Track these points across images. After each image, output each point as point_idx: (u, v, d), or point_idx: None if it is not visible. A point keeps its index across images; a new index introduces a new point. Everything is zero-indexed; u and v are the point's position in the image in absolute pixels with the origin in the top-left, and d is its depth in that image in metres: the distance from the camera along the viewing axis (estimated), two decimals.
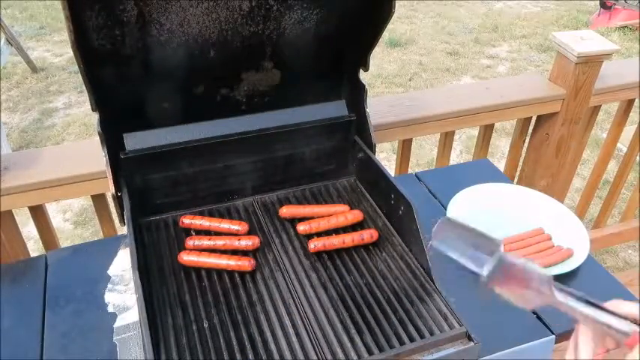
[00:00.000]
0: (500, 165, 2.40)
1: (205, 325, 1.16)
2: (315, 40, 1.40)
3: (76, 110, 5.00)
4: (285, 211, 1.47)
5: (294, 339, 1.13)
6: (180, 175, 1.45)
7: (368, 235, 1.37)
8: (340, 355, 1.09)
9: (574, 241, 1.51)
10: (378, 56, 5.96)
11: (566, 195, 2.64)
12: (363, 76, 1.52)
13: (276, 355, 1.10)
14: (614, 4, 6.53)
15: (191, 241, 1.34)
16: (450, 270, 1.42)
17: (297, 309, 1.20)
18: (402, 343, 1.11)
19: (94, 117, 1.23)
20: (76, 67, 1.09)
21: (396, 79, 5.58)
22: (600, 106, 2.33)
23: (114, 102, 1.25)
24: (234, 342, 1.12)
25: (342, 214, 1.45)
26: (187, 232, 1.43)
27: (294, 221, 1.45)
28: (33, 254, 1.63)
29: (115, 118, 1.28)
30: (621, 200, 3.32)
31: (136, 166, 1.38)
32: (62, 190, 1.61)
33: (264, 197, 1.57)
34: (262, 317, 1.18)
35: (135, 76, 1.29)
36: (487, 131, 2.23)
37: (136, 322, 1.25)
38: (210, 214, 1.49)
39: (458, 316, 1.15)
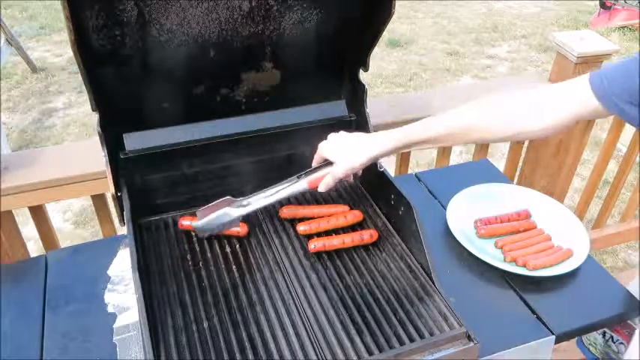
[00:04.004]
0: (500, 165, 2.40)
1: (205, 325, 1.16)
2: (315, 41, 1.40)
3: (76, 110, 4.99)
4: (285, 211, 1.47)
5: (294, 339, 1.13)
6: (180, 175, 1.45)
7: (368, 235, 1.37)
8: (340, 355, 1.09)
9: (574, 241, 1.51)
10: (378, 56, 5.95)
11: (566, 195, 2.63)
12: (363, 76, 1.52)
13: (275, 355, 1.10)
14: (614, 4, 6.53)
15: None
16: (450, 270, 1.43)
17: (297, 309, 1.20)
18: (401, 343, 1.11)
19: (94, 117, 1.23)
20: (76, 67, 1.09)
21: (396, 79, 5.58)
22: None
23: (114, 102, 1.26)
24: (234, 342, 1.12)
25: (342, 214, 1.45)
26: (187, 232, 1.43)
27: (294, 221, 1.45)
28: (33, 254, 1.64)
29: (115, 118, 1.28)
30: (621, 200, 3.32)
31: (135, 166, 1.38)
32: (62, 190, 1.61)
33: None
34: (262, 317, 1.18)
35: (135, 76, 1.29)
36: None
37: (136, 322, 1.25)
38: None
39: (458, 317, 1.15)
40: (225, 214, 1.34)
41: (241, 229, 1.39)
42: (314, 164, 1.35)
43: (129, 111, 1.34)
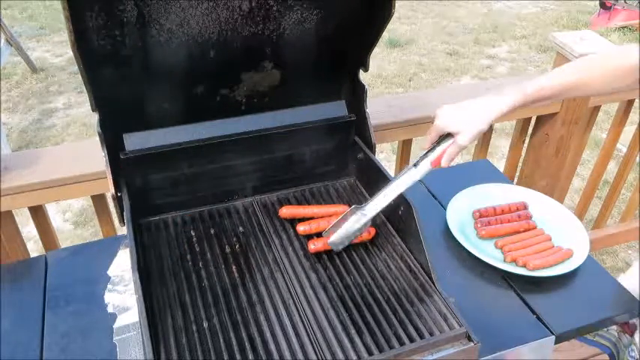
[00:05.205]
0: (500, 165, 2.40)
1: (205, 325, 1.16)
2: (315, 41, 1.40)
3: (76, 110, 5.00)
4: (285, 211, 1.47)
5: (293, 339, 1.13)
6: (180, 175, 1.45)
7: (366, 232, 1.38)
8: (340, 355, 1.09)
9: (574, 241, 1.51)
10: (378, 56, 5.95)
11: (566, 195, 2.64)
12: (362, 76, 1.52)
13: (275, 356, 1.10)
14: (614, 5, 6.53)
15: None
16: (450, 270, 1.43)
17: (297, 309, 1.20)
18: (401, 343, 1.11)
19: (94, 117, 1.23)
20: (76, 67, 1.10)
21: (396, 79, 5.58)
22: (600, 106, 2.33)
23: (114, 102, 1.25)
24: (234, 342, 1.12)
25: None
26: (187, 232, 1.43)
27: (294, 221, 1.45)
28: (33, 254, 1.63)
29: (115, 118, 1.28)
30: (621, 200, 3.32)
31: (135, 166, 1.38)
32: (62, 190, 1.61)
33: (264, 197, 1.57)
34: (262, 317, 1.19)
35: (135, 76, 1.29)
36: (487, 131, 2.23)
37: (136, 322, 1.25)
38: (210, 215, 1.50)
39: (458, 317, 1.15)
40: (355, 222, 1.33)
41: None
42: (429, 142, 1.32)
43: (129, 111, 1.34)
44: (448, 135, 1.29)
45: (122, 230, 1.41)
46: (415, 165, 1.30)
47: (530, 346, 1.24)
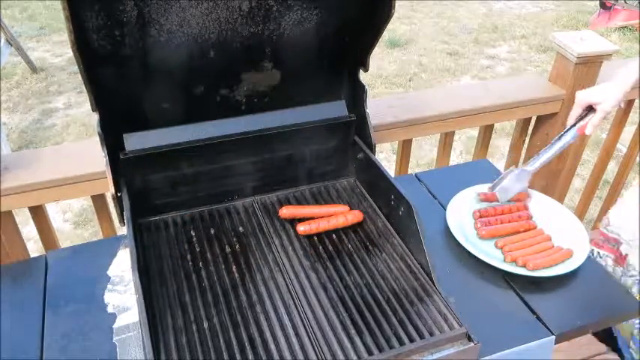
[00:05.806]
0: (500, 165, 2.40)
1: (205, 325, 1.16)
2: (315, 41, 1.40)
3: (76, 110, 5.00)
4: (285, 211, 1.47)
5: (293, 339, 1.13)
6: (180, 175, 1.45)
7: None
8: (340, 355, 1.09)
9: (574, 241, 1.51)
10: (378, 56, 5.95)
11: (566, 195, 2.64)
12: (362, 76, 1.52)
13: (275, 356, 1.10)
14: (614, 5, 6.53)
15: None
16: (450, 270, 1.43)
17: (297, 309, 1.20)
18: (401, 343, 1.11)
19: (94, 117, 1.23)
20: (76, 67, 1.10)
21: (396, 80, 5.58)
22: None
23: (114, 102, 1.26)
24: (234, 342, 1.12)
25: (342, 214, 1.45)
26: (187, 232, 1.43)
27: (294, 221, 1.46)
28: (33, 254, 1.63)
29: (115, 118, 1.28)
30: None
31: (135, 166, 1.38)
32: (62, 190, 1.61)
33: (264, 197, 1.57)
34: (262, 317, 1.19)
35: (135, 76, 1.29)
36: (487, 131, 2.23)
37: (136, 322, 1.25)
38: (210, 215, 1.50)
39: (458, 317, 1.15)
40: (516, 181, 1.55)
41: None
42: (574, 118, 1.53)
43: (129, 111, 1.34)
44: (590, 110, 1.50)
45: (122, 230, 1.41)
46: (560, 137, 1.52)
47: (530, 346, 1.24)
